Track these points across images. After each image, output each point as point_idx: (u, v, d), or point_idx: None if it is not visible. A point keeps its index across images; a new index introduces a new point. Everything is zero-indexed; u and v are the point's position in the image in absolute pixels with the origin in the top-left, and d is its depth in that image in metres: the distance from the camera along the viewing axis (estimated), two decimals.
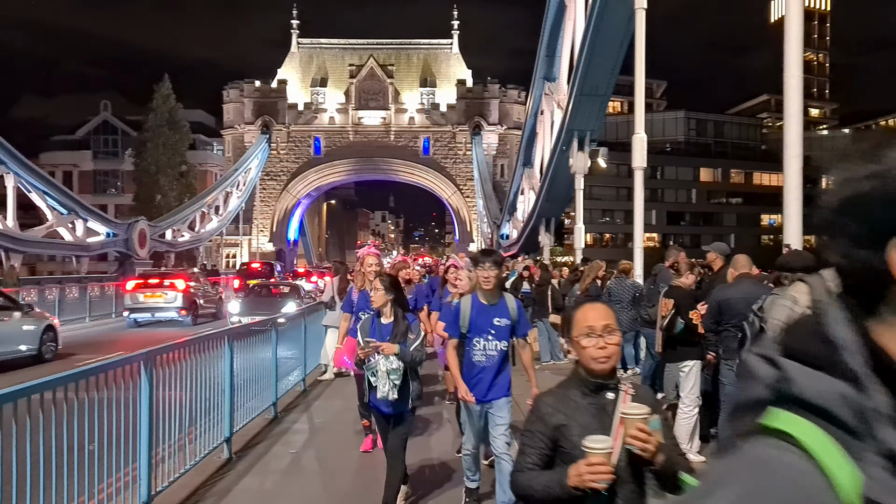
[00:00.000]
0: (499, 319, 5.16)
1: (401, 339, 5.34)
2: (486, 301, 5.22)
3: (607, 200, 72.01)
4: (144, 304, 21.43)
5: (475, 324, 5.19)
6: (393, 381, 5.21)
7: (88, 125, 73.05)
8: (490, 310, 5.20)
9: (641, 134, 13.96)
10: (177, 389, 6.03)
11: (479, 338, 5.16)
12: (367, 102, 64.82)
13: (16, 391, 4.01)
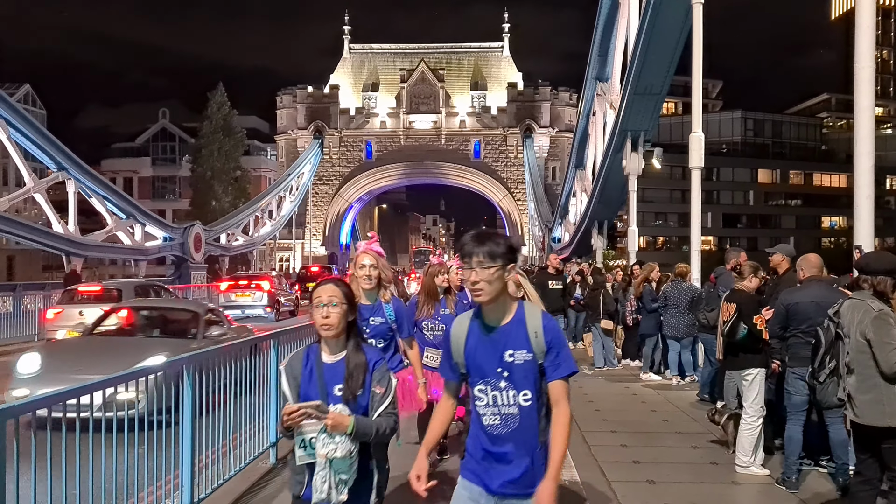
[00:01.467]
0: (512, 353, 3.00)
1: (356, 391, 3.15)
2: (491, 322, 3.06)
3: (661, 203, 70.75)
4: (236, 303, 24.11)
5: (474, 361, 3.07)
6: (340, 476, 3.04)
7: (147, 133, 74.99)
8: (497, 338, 3.04)
9: (699, 133, 13.49)
10: (221, 393, 5.93)
11: (483, 384, 3.04)
12: (418, 106, 64.97)
13: (57, 394, 3.94)
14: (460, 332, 3.07)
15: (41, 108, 63.76)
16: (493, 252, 2.92)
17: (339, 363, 3.20)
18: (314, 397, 3.13)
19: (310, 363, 3.25)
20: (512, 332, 2.99)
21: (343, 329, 3.20)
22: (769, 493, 6.10)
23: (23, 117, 28.29)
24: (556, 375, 2.99)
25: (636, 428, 8.51)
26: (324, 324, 3.14)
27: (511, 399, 2.97)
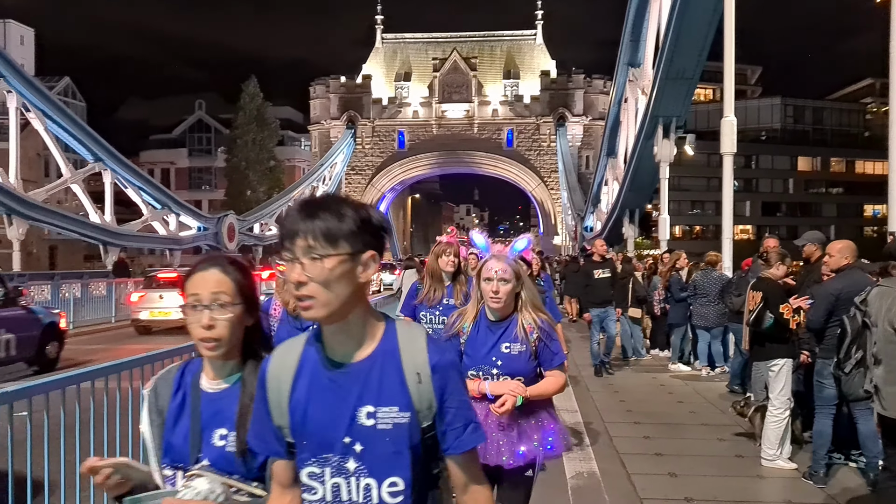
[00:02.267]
0: (372, 410, 1.75)
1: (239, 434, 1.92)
2: (336, 355, 1.95)
3: (697, 191, 69.63)
4: None
5: (304, 422, 1.90)
6: None
7: (184, 124, 75.89)
8: (346, 383, 1.86)
9: (731, 117, 13.16)
10: None
11: (317, 464, 1.79)
12: (451, 95, 64.72)
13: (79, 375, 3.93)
14: (282, 372, 1.75)
15: (81, 100, 64.85)
16: (331, 231, 1.65)
17: (226, 394, 1.96)
18: (178, 445, 1.95)
19: (181, 389, 2.01)
20: (374, 373, 1.71)
21: (236, 343, 1.97)
22: (795, 487, 5.90)
23: (60, 109, 28.79)
24: (457, 449, 1.76)
25: (661, 419, 8.33)
26: (205, 337, 1.92)
27: (363, 494, 1.70)
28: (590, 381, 10.73)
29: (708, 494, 5.67)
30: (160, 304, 17.18)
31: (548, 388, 3.42)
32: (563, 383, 3.48)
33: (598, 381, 10.74)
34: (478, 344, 3.42)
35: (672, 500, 5.57)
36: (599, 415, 8.52)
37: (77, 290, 20.07)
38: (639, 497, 5.62)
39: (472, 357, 3.41)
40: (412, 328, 1.82)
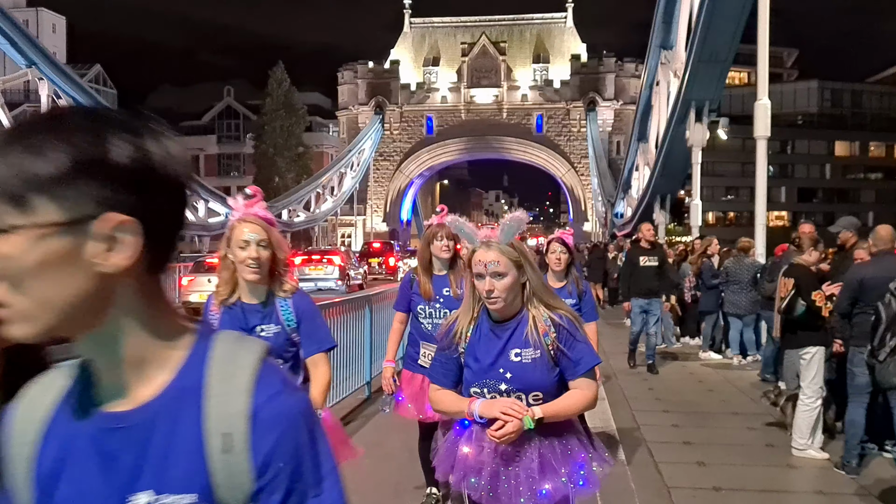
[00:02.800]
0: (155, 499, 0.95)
1: None
2: (102, 396, 1.03)
3: (731, 177, 68.45)
4: (309, 276, 25.18)
5: None
6: None
7: (213, 111, 76.42)
8: (115, 449, 0.94)
9: (765, 100, 12.84)
10: None
11: None
12: (480, 80, 64.36)
13: None
14: (26, 426, 1.01)
15: (111, 87, 65.63)
16: (16, 181, 0.85)
17: None
18: None
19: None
20: (157, 432, 0.95)
21: None
22: (826, 477, 5.75)
23: (91, 97, 29.12)
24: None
25: (690, 408, 8.19)
26: None
27: None
28: (618, 370, 10.60)
29: (737, 484, 5.55)
30: (208, 287, 17.74)
31: (570, 404, 2.64)
32: (592, 397, 2.65)
33: (627, 370, 10.60)
34: (480, 353, 2.65)
35: (700, 489, 5.46)
36: (627, 402, 8.40)
37: None
38: (666, 486, 5.52)
39: (475, 370, 2.67)
40: (238, 349, 1.00)
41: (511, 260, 2.59)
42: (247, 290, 3.18)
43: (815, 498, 5.40)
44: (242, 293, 3.19)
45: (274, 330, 3.15)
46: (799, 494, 5.60)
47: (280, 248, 3.16)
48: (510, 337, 2.63)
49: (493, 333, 2.65)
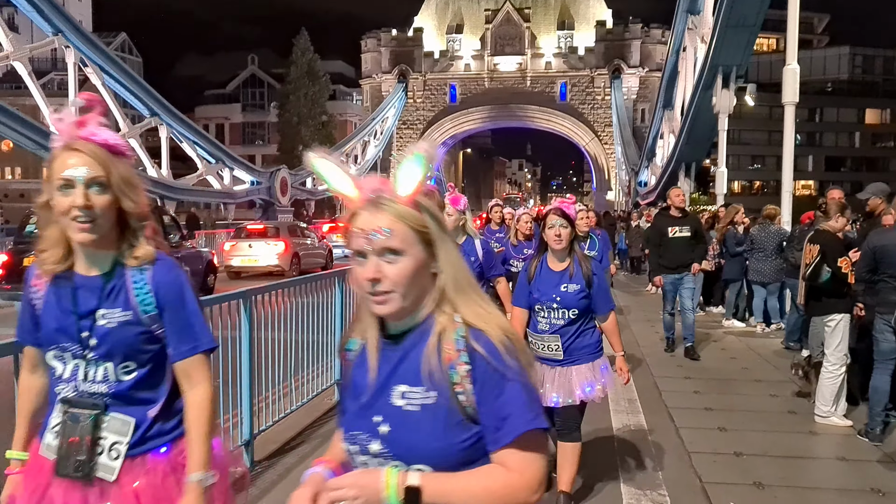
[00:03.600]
0: None
1: None
2: None
3: (758, 146, 67.42)
4: (337, 243, 23.65)
5: None
6: None
7: (237, 79, 76.58)
8: None
9: (794, 65, 12.62)
10: (281, 331, 5.95)
11: None
12: (503, 48, 63.74)
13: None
14: None
15: (137, 56, 65.90)
16: None
17: None
18: None
19: None
20: None
21: None
22: (850, 444, 5.74)
23: (117, 65, 29.27)
24: None
25: (712, 375, 8.18)
26: None
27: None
28: (639, 336, 10.60)
29: (758, 449, 5.56)
30: (249, 252, 19.88)
31: (469, 492, 1.51)
32: (517, 487, 1.48)
33: (649, 336, 10.59)
34: (358, 384, 1.63)
35: (720, 454, 5.48)
36: (649, 369, 8.42)
37: None
38: (686, 451, 5.55)
39: (349, 414, 1.63)
40: None
41: (414, 230, 1.53)
42: (82, 256, 2.09)
43: (838, 464, 5.41)
44: (78, 261, 2.10)
45: (120, 317, 2.07)
46: (821, 461, 5.60)
47: (130, 191, 2.05)
48: (400, 362, 1.56)
49: (381, 353, 1.60)
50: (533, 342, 4.32)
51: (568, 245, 4.22)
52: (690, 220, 9.40)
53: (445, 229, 1.60)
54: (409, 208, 1.54)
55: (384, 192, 1.55)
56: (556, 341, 4.25)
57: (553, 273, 4.27)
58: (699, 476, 5.00)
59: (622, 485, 4.79)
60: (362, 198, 1.56)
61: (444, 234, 1.58)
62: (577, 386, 4.23)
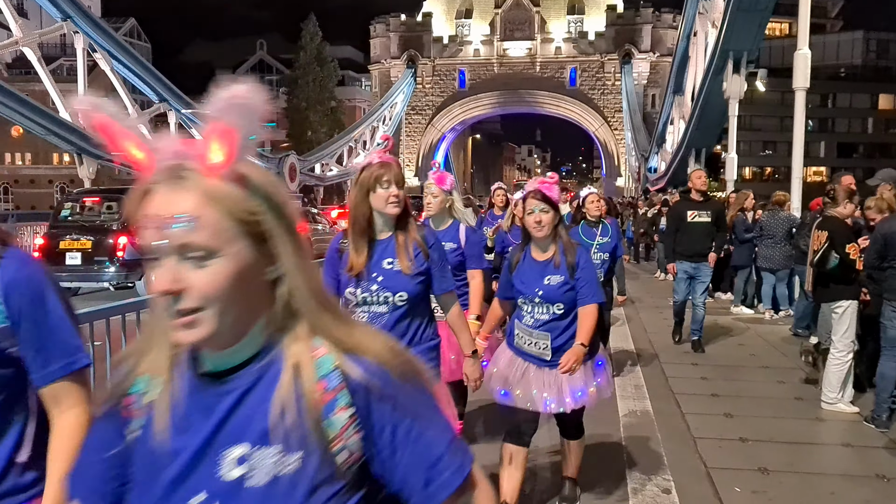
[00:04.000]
0: None
1: None
2: None
3: (769, 132, 66.92)
4: None
5: None
6: None
7: (246, 65, 76.59)
8: None
9: (805, 50, 12.52)
10: None
11: None
12: (513, 33, 63.35)
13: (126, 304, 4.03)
14: None
15: (146, 41, 65.90)
16: None
17: None
18: None
19: None
20: None
21: None
22: (856, 430, 5.74)
23: (126, 50, 29.27)
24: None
25: (719, 361, 8.19)
26: None
27: None
28: (647, 322, 10.60)
29: (763, 435, 5.57)
30: None
31: None
32: None
33: (657, 322, 10.58)
34: (143, 455, 1.06)
35: (726, 439, 5.49)
36: (656, 355, 8.43)
37: None
38: (692, 436, 5.57)
39: None
40: None
41: (235, 218, 1.04)
42: None
43: (843, 450, 5.41)
44: None
45: None
46: (827, 447, 5.61)
47: None
48: (229, 413, 1.06)
49: (195, 402, 1.09)
50: (519, 335, 3.83)
51: (551, 231, 3.74)
52: (712, 206, 8.73)
53: (290, 217, 1.10)
54: (227, 184, 1.04)
55: (188, 160, 1.04)
56: (545, 339, 3.74)
57: (536, 263, 3.80)
58: (704, 461, 5.01)
59: (627, 470, 4.81)
60: (155, 167, 1.05)
61: (287, 225, 1.08)
62: (567, 392, 3.71)
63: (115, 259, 12.61)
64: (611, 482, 4.61)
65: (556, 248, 3.75)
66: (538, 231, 3.71)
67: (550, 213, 3.69)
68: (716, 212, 8.58)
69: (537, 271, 3.77)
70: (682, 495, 4.40)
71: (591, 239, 6.61)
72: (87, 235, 12.85)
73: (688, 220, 8.43)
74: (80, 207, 13.87)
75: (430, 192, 4.57)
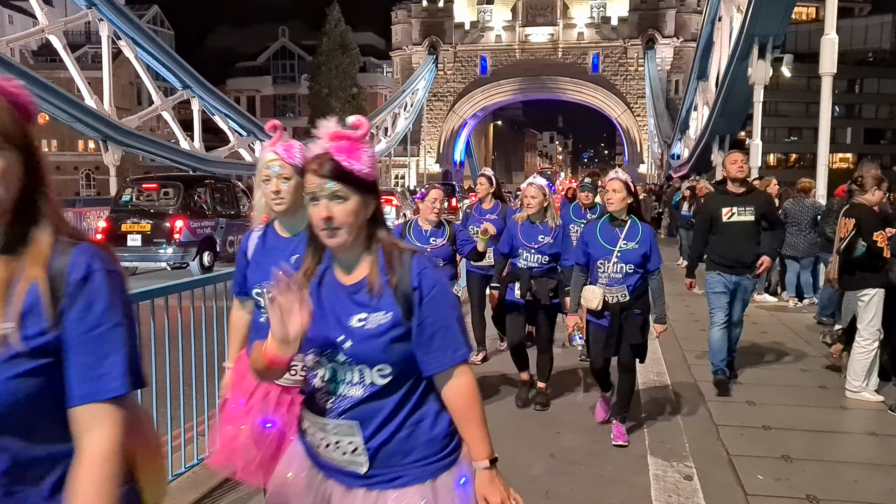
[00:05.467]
0: None
1: None
2: None
3: (795, 117, 66.01)
4: None
5: None
6: None
7: (268, 51, 76.73)
8: None
9: (832, 35, 12.33)
10: None
11: None
12: (535, 18, 62.93)
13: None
14: None
15: (169, 28, 66.25)
16: None
17: None
18: None
19: None
20: None
21: None
22: (880, 419, 5.71)
23: (149, 38, 29.50)
24: None
25: (742, 349, 8.06)
26: None
27: None
28: (670, 309, 10.54)
29: (786, 423, 5.56)
30: None
31: None
32: None
33: (679, 309, 10.54)
34: None
35: (748, 427, 5.49)
36: (678, 342, 8.41)
37: None
38: (714, 423, 5.57)
39: None
40: None
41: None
42: None
43: (866, 439, 5.38)
44: None
45: None
46: (850, 435, 5.58)
47: None
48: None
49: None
50: (310, 431, 2.00)
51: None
52: (755, 199, 6.41)
53: None
54: None
55: None
56: (350, 436, 1.91)
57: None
58: (726, 448, 5.02)
59: (649, 456, 4.83)
60: None
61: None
62: None
63: (172, 241, 13.89)
64: (633, 468, 4.63)
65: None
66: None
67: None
68: (762, 206, 6.40)
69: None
70: (704, 482, 4.41)
71: (613, 244, 4.93)
72: (146, 219, 14.13)
73: (724, 220, 6.31)
74: (139, 193, 15.03)
75: None
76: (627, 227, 4.93)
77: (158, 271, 14.41)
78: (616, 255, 4.88)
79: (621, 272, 4.88)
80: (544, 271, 5.68)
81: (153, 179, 16.03)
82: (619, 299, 4.91)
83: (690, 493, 4.27)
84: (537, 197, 5.72)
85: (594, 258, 5.00)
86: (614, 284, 4.92)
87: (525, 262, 5.68)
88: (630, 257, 4.88)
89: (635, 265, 4.88)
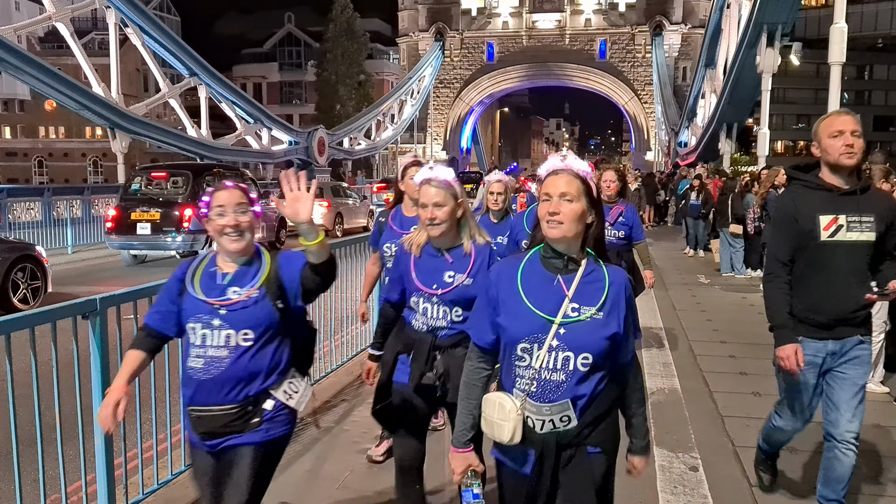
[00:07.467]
0: None
1: None
2: None
3: (803, 104, 65.69)
4: None
5: None
6: None
7: (274, 38, 76.56)
8: None
9: (842, 24, 12.26)
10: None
11: None
12: (542, 5, 62.51)
13: None
14: None
15: (175, 15, 66.12)
16: None
17: None
18: None
19: None
20: None
21: None
22: (886, 410, 5.74)
23: (156, 24, 29.45)
24: None
25: (748, 339, 8.16)
26: None
27: None
28: (676, 299, 10.59)
29: None
30: (319, 210, 20.71)
31: None
32: None
33: (686, 300, 10.57)
34: None
35: (754, 418, 5.51)
36: (685, 332, 8.44)
37: None
38: (720, 414, 5.60)
39: None
40: None
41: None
42: None
43: (873, 430, 5.41)
44: None
45: None
46: None
47: None
48: None
49: None
50: None
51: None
52: (875, 202, 3.51)
53: None
54: None
55: None
56: None
57: None
58: (732, 440, 5.06)
59: (655, 447, 4.86)
60: None
61: None
62: None
63: (182, 229, 14.00)
64: None
65: None
66: None
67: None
68: (886, 215, 3.48)
69: None
70: (709, 473, 4.46)
71: (551, 308, 2.08)
72: (155, 207, 14.22)
73: (821, 239, 3.47)
74: (149, 181, 15.15)
75: None
76: (581, 273, 2.27)
77: (168, 258, 14.56)
78: (555, 332, 2.22)
79: (564, 369, 2.23)
80: (458, 337, 3.06)
81: (162, 168, 16.12)
82: (557, 426, 2.25)
83: (696, 485, 4.32)
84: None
85: (511, 337, 2.28)
86: (547, 396, 2.24)
87: (423, 321, 3.13)
88: (584, 339, 2.22)
89: (594, 355, 2.22)
